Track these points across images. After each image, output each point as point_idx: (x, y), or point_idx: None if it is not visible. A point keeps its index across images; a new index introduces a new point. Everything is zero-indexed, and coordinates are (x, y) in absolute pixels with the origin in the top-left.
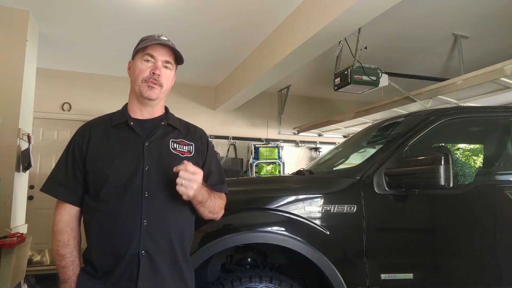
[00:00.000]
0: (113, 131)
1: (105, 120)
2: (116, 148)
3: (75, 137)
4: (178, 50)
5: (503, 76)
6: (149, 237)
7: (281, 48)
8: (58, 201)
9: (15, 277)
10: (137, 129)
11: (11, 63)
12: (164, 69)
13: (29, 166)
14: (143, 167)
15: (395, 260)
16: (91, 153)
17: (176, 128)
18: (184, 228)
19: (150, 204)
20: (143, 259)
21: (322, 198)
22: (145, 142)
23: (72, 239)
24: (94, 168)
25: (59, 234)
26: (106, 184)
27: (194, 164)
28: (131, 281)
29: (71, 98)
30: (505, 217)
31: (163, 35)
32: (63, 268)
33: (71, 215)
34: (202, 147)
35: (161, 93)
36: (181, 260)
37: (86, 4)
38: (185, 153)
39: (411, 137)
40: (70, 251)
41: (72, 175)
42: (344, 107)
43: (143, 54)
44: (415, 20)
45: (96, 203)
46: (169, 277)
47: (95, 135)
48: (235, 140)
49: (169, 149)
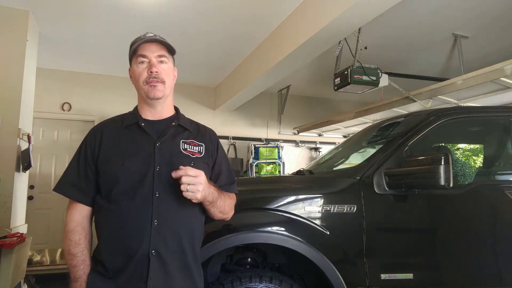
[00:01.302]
0: (125, 132)
1: (117, 121)
2: (128, 149)
3: (87, 139)
4: (166, 41)
5: (503, 76)
6: (159, 237)
7: (281, 48)
8: (70, 201)
9: (15, 277)
10: (148, 130)
11: (11, 63)
12: (160, 64)
13: (29, 166)
14: (154, 168)
15: (395, 260)
16: (103, 154)
17: (187, 129)
18: (194, 229)
19: (161, 204)
20: (153, 259)
21: (322, 198)
22: (156, 142)
23: (83, 239)
24: (106, 169)
25: (71, 233)
26: (117, 185)
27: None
28: (141, 281)
29: (71, 98)
30: (505, 217)
31: (149, 32)
32: (74, 267)
33: (83, 215)
34: (212, 148)
35: (166, 89)
36: (191, 260)
37: (86, 4)
38: (195, 154)
39: (411, 137)
40: (81, 250)
41: (84, 176)
42: (344, 107)
43: (136, 57)
44: (415, 20)
45: (107, 203)
46: (178, 277)
47: (107, 136)
48: (235, 140)
49: (179, 149)
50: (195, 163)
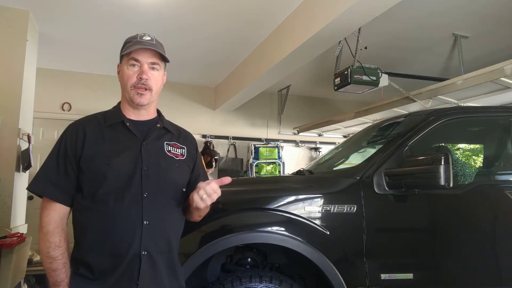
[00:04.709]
0: (109, 131)
1: (98, 118)
2: (113, 148)
3: (66, 135)
4: (163, 52)
5: (503, 76)
6: (150, 237)
7: (281, 48)
8: (47, 200)
9: (15, 277)
10: (134, 130)
11: (11, 63)
12: (152, 71)
13: (29, 166)
14: (141, 168)
15: (395, 260)
16: (87, 152)
17: (170, 131)
18: (178, 228)
19: (150, 204)
20: (144, 259)
21: (322, 198)
22: (142, 143)
23: (64, 241)
24: (90, 168)
25: (51, 235)
26: (104, 184)
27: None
28: (131, 281)
29: (71, 98)
30: (505, 217)
31: (147, 34)
32: (54, 271)
33: (61, 215)
34: (193, 151)
35: (152, 96)
36: (175, 258)
37: (86, 4)
38: (178, 156)
39: (411, 137)
40: (61, 252)
41: (64, 174)
42: (344, 107)
43: (128, 59)
44: (415, 20)
45: (92, 203)
46: (166, 276)
47: (90, 133)
48: (235, 140)
49: (164, 151)
50: (179, 165)
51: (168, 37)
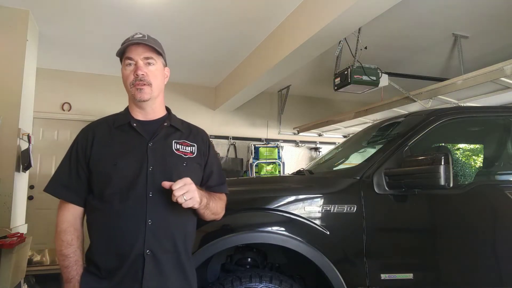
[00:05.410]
0: (116, 132)
1: (108, 121)
2: (120, 149)
3: (78, 139)
4: (152, 44)
5: (503, 76)
6: (153, 237)
7: (281, 48)
8: (61, 201)
9: (15, 277)
10: (140, 130)
11: (11, 63)
12: (147, 66)
13: (29, 166)
14: (147, 168)
15: (395, 260)
16: (95, 154)
17: (178, 129)
18: (187, 228)
19: (155, 204)
20: (148, 258)
21: (322, 198)
22: (148, 143)
23: (76, 239)
24: (98, 169)
25: (63, 234)
26: (110, 185)
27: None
28: (135, 280)
29: (71, 98)
30: (505, 217)
31: (138, 32)
32: (66, 267)
33: (75, 215)
34: (204, 148)
35: (153, 91)
36: (185, 260)
37: (86, 4)
38: (187, 154)
39: (411, 137)
40: (73, 251)
41: (75, 176)
42: (344, 107)
43: (124, 59)
44: (415, 20)
45: (100, 204)
46: (173, 277)
47: (98, 136)
48: (235, 140)
49: (172, 150)
50: (187, 163)
51: (168, 37)
